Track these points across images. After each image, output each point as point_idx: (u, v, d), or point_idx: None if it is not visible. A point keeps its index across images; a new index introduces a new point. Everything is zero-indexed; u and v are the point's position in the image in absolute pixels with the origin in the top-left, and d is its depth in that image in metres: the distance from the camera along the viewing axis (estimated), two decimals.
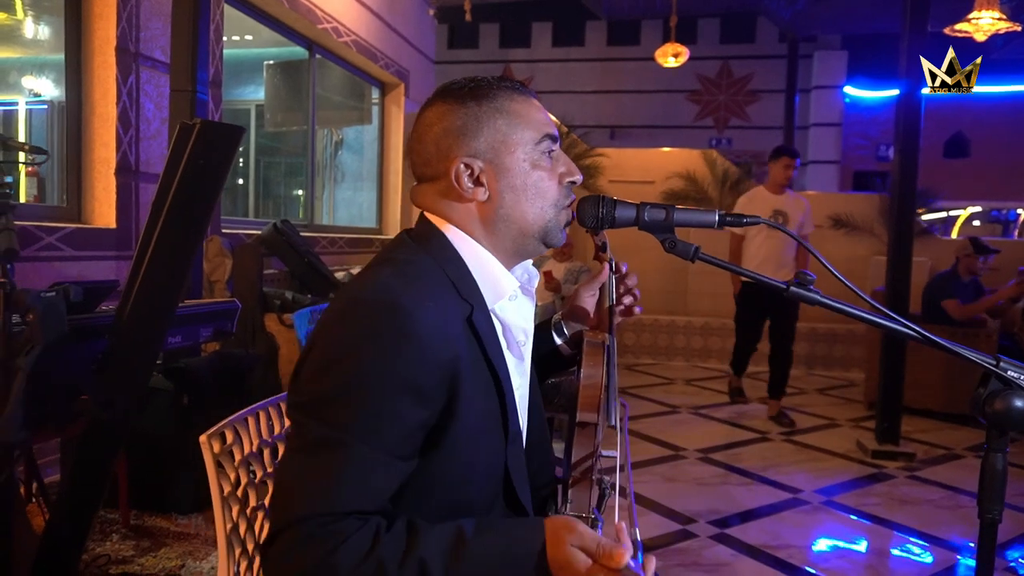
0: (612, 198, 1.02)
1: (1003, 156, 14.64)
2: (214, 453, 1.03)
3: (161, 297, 1.52)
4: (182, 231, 1.51)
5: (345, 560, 0.77)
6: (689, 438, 4.30)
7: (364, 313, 0.86)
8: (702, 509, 3.14)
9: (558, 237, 1.01)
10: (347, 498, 0.80)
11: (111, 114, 3.51)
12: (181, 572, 2.34)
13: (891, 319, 0.99)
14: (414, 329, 0.83)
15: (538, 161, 0.98)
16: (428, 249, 0.96)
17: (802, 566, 2.62)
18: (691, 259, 1.01)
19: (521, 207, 0.97)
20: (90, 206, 3.55)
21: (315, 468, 0.81)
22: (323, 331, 0.88)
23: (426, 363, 0.84)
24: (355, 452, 0.81)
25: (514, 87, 1.00)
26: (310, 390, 0.85)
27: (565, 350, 1.29)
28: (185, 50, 2.78)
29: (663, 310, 7.52)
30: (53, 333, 1.07)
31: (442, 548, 0.78)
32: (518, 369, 1.02)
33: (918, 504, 3.32)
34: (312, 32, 5.63)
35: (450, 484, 0.90)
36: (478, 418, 0.91)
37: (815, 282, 0.98)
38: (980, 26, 4.53)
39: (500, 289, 0.97)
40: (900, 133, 4.19)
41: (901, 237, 4.14)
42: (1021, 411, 0.93)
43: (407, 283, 0.88)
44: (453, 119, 0.96)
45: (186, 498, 2.78)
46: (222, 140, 1.51)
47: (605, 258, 1.27)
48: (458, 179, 0.95)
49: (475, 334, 0.92)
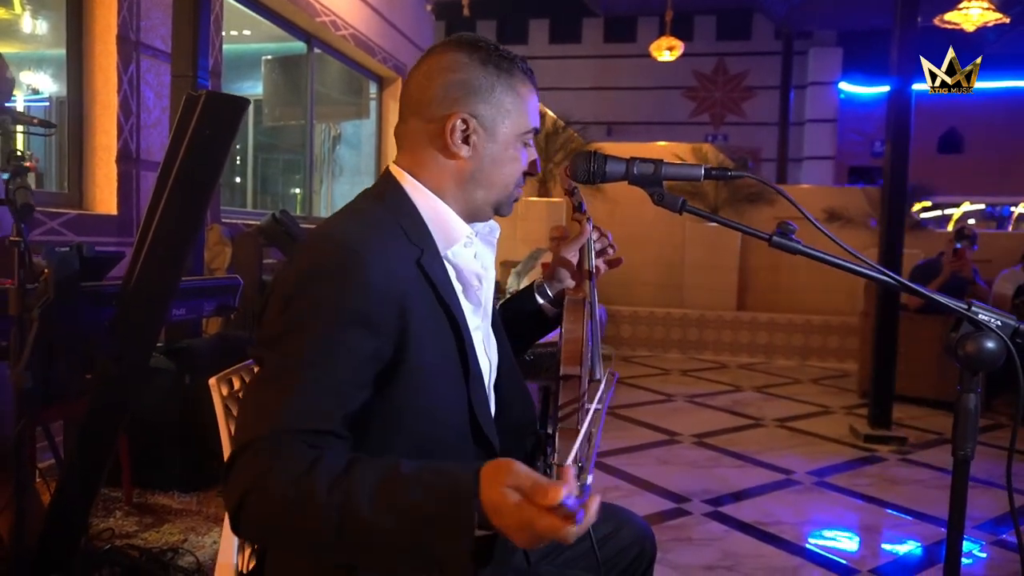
0: (603, 153, 1.07)
1: (997, 152, 14.74)
2: (222, 396, 1.07)
3: (168, 263, 1.56)
4: (188, 200, 1.55)
5: (277, 480, 0.78)
6: (684, 424, 4.35)
7: (314, 254, 0.93)
8: (696, 489, 3.19)
9: (508, 210, 1.10)
10: (295, 417, 0.83)
11: (112, 102, 3.55)
12: (184, 546, 2.38)
13: (870, 267, 1.03)
14: (360, 266, 0.89)
15: (517, 145, 1.05)
16: (382, 201, 1.02)
17: (793, 540, 2.68)
18: (679, 211, 1.06)
19: (492, 176, 1.04)
20: (91, 193, 3.59)
21: (271, 392, 0.86)
22: (281, 276, 0.94)
23: (373, 296, 0.89)
24: (306, 375, 0.85)
25: (529, 73, 1.07)
26: (270, 326, 0.91)
27: (549, 310, 1.34)
28: (187, 36, 2.82)
29: (659, 303, 7.58)
30: (66, 287, 1.11)
31: (373, 480, 0.77)
32: (476, 313, 1.07)
33: (908, 484, 3.38)
34: (311, 25, 5.67)
35: (415, 419, 0.94)
36: (435, 355, 0.96)
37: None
38: (970, 17, 4.58)
39: (453, 236, 1.03)
40: (891, 126, 4.25)
41: (892, 229, 4.19)
42: (991, 351, 0.98)
43: (356, 227, 0.95)
44: (471, 75, 1.01)
45: (187, 477, 2.82)
46: (227, 111, 1.56)
47: (583, 217, 1.32)
48: (452, 131, 1.00)
49: (426, 276, 0.97)
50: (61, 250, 1.13)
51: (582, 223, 1.34)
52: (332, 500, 0.76)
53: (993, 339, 0.98)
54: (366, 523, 0.75)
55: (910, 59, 4.11)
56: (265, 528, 0.82)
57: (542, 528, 0.68)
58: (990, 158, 14.80)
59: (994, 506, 3.06)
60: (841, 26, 14.15)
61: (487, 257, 1.11)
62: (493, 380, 1.15)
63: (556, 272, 1.34)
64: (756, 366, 6.74)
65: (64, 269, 1.13)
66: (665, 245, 7.73)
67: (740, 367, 6.63)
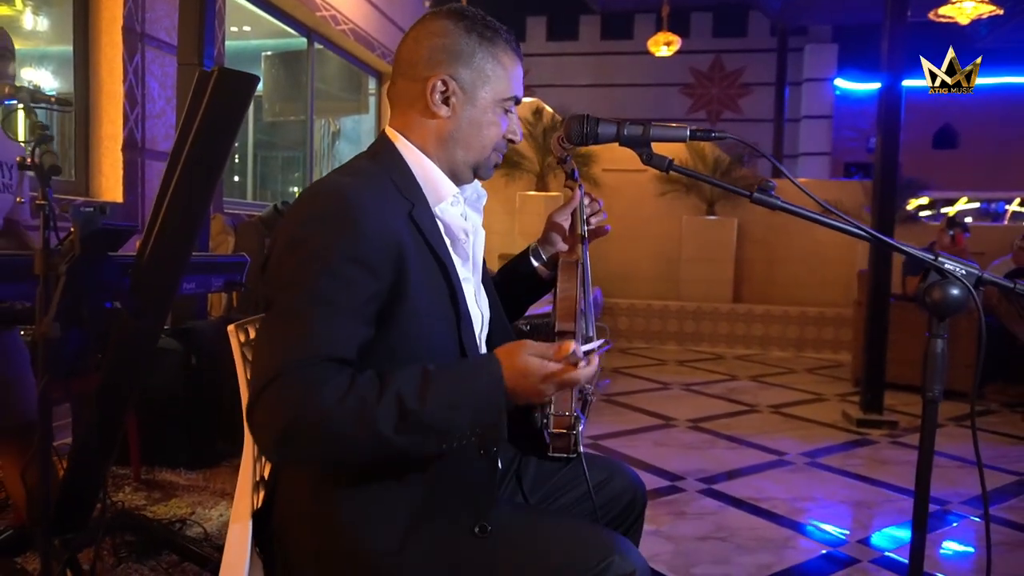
0: (595, 117, 1.14)
1: (991, 147, 14.84)
2: (240, 343, 1.14)
3: (181, 235, 1.63)
4: (201, 174, 1.62)
5: (328, 397, 0.87)
6: (680, 410, 4.42)
7: (314, 204, 1.00)
8: (691, 468, 3.26)
9: (487, 173, 1.17)
10: (319, 346, 0.91)
11: (118, 92, 3.62)
12: (191, 518, 2.45)
13: (844, 221, 1.11)
14: (357, 213, 0.96)
15: (497, 110, 1.12)
16: (376, 159, 1.10)
17: (785, 515, 2.75)
18: (665, 170, 1.13)
19: (469, 138, 1.11)
20: (97, 181, 3.66)
21: (287, 328, 0.93)
22: (284, 225, 1.01)
23: (370, 240, 0.96)
24: (320, 311, 0.93)
25: (512, 44, 1.14)
26: (277, 270, 0.98)
27: (543, 272, 1.41)
28: (192, 25, 2.89)
29: (656, 296, 7.66)
30: (92, 243, 1.18)
31: (413, 382, 0.91)
32: (465, 265, 1.14)
33: (899, 465, 3.45)
34: (311, 20, 5.74)
35: (410, 359, 1.00)
36: (428, 300, 1.03)
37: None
38: (963, 10, 4.65)
39: (441, 193, 1.10)
40: (882, 119, 4.32)
41: (883, 220, 4.27)
42: (956, 298, 1.05)
43: (351, 180, 1.03)
44: (454, 40, 1.09)
45: (194, 454, 2.89)
46: (238, 88, 1.63)
47: (574, 184, 1.39)
48: (432, 91, 1.08)
49: (417, 227, 1.04)
50: (86, 210, 1.21)
51: (574, 189, 1.41)
52: (384, 402, 0.88)
53: (958, 286, 1.05)
54: (418, 415, 0.88)
55: (901, 54, 4.19)
56: (321, 445, 0.90)
57: (562, 374, 0.92)
58: (984, 154, 14.91)
59: (977, 484, 3.14)
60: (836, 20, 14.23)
61: (475, 219, 1.18)
62: (485, 333, 1.22)
63: (549, 236, 1.41)
64: (752, 357, 6.82)
65: (89, 226, 1.21)
66: (662, 239, 7.81)
67: (736, 358, 6.71)
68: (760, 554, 2.39)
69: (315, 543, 1.02)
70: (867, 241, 1.10)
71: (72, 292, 1.14)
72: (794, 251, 7.83)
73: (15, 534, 1.77)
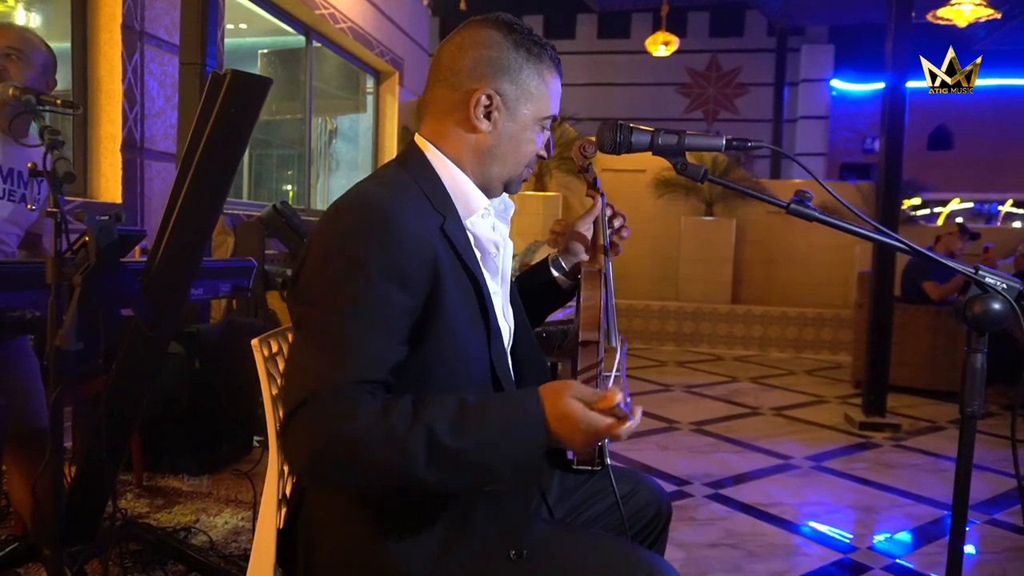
0: (629, 125, 1.12)
1: (986, 148, 14.92)
2: (264, 357, 1.11)
3: (193, 239, 1.60)
4: (213, 178, 1.59)
5: (360, 425, 0.84)
6: (682, 412, 4.41)
7: (349, 215, 0.96)
8: (697, 473, 3.25)
9: (517, 188, 1.16)
10: (353, 368, 0.88)
11: (117, 91, 3.57)
12: (196, 526, 2.41)
13: (882, 233, 1.09)
14: (393, 227, 0.93)
15: (535, 128, 1.11)
16: (407, 168, 1.07)
17: (793, 520, 2.74)
18: (700, 180, 1.11)
19: (506, 153, 1.09)
20: (96, 181, 3.61)
21: (321, 348, 0.90)
22: (316, 237, 0.98)
23: (406, 255, 0.93)
24: (355, 329, 0.90)
25: (557, 64, 1.12)
26: (310, 285, 0.95)
27: (563, 282, 1.39)
28: (195, 24, 2.84)
29: (654, 296, 7.65)
30: (107, 253, 1.15)
31: (447, 414, 0.86)
32: (494, 279, 1.12)
33: (903, 468, 3.45)
34: (310, 18, 5.69)
35: (443, 374, 0.99)
36: (461, 315, 1.00)
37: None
38: (962, 12, 4.66)
39: (472, 206, 1.08)
40: (886, 120, 4.32)
41: (887, 222, 4.26)
42: (997, 312, 1.03)
43: (386, 192, 0.99)
44: (501, 54, 1.06)
45: (197, 460, 2.85)
46: (251, 91, 1.59)
47: (596, 193, 1.37)
48: (476, 104, 1.05)
49: (449, 241, 1.02)
50: (101, 219, 1.17)
51: (595, 198, 1.39)
52: (415, 435, 0.84)
53: (999, 300, 1.03)
54: (451, 450, 0.84)
55: (905, 55, 4.19)
56: (352, 472, 0.87)
57: (604, 426, 0.86)
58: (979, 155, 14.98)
59: (987, 488, 3.15)
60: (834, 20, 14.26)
61: (503, 230, 1.15)
62: (511, 345, 1.19)
63: (570, 245, 1.39)
64: (751, 358, 6.82)
65: (106, 236, 1.17)
66: (661, 239, 7.80)
67: (735, 359, 6.71)
68: (772, 561, 2.38)
69: (344, 562, 0.99)
70: (906, 253, 1.08)
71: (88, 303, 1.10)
72: (792, 252, 7.85)
73: (21, 546, 1.73)
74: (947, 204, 16.31)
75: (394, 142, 7.46)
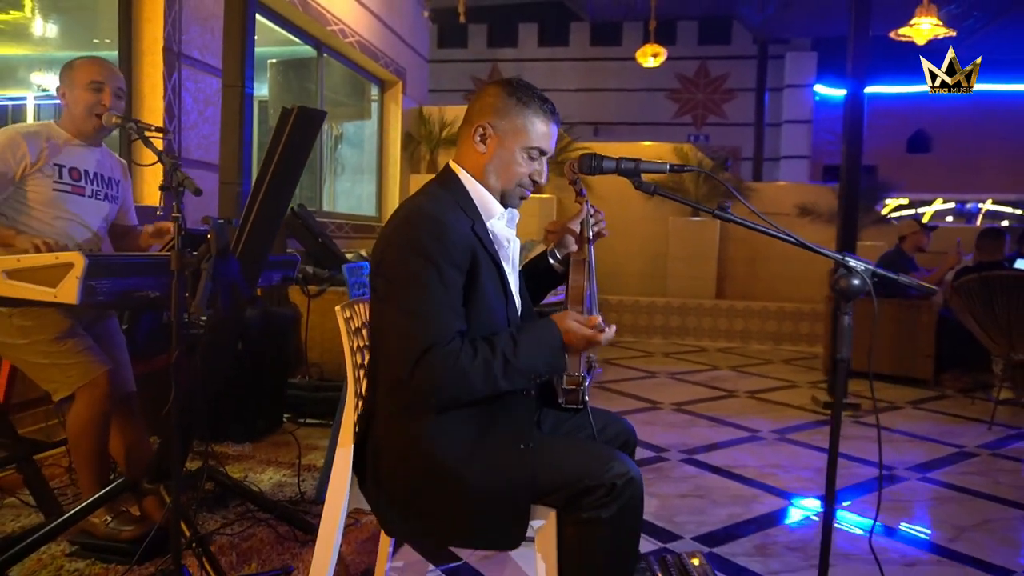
0: (600, 154, 1.57)
1: (963, 151, 15.47)
2: (345, 318, 1.56)
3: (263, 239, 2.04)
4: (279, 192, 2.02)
5: (465, 364, 1.34)
6: (665, 395, 4.86)
7: (417, 223, 1.42)
8: (674, 442, 3.70)
9: (514, 203, 1.58)
10: (448, 326, 1.36)
11: (159, 107, 4.00)
12: (244, 481, 2.85)
13: (780, 231, 1.53)
14: (445, 228, 1.41)
15: (522, 154, 1.55)
16: (444, 185, 1.55)
17: (756, 478, 3.19)
18: (651, 194, 1.55)
19: (498, 170, 1.54)
20: (139, 188, 4.03)
21: (423, 315, 1.37)
22: (394, 236, 1.43)
23: (457, 247, 1.41)
24: (440, 300, 1.38)
25: (548, 110, 1.57)
26: (398, 273, 1.40)
27: (558, 267, 1.85)
28: (236, 50, 3.27)
29: (643, 292, 8.11)
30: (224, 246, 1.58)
31: (509, 344, 1.38)
32: (507, 265, 1.57)
33: (858, 439, 3.91)
34: (321, 33, 6.13)
35: (481, 328, 1.45)
36: (489, 285, 1.47)
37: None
38: (920, 31, 5.11)
39: (491, 211, 1.55)
40: (847, 125, 4.79)
41: (847, 217, 4.73)
42: (855, 286, 1.48)
43: (434, 205, 1.46)
44: (498, 101, 1.53)
45: (240, 430, 3.29)
46: (312, 120, 2.04)
47: (583, 200, 1.82)
48: (475, 132, 1.54)
49: (478, 236, 1.48)
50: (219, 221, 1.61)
51: (582, 204, 1.84)
52: (497, 361, 1.35)
53: (857, 277, 1.48)
54: (514, 364, 1.36)
55: (864, 66, 4.68)
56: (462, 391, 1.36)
57: (592, 335, 1.41)
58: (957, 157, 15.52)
59: (922, 455, 3.62)
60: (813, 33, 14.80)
61: (511, 232, 1.61)
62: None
63: (563, 239, 1.84)
64: (733, 349, 7.28)
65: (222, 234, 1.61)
66: (649, 238, 8.27)
67: (718, 350, 7.17)
68: (732, 507, 2.83)
69: (402, 457, 1.44)
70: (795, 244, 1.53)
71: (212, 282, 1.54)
72: (774, 250, 8.30)
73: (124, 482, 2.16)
74: (931, 204, 16.84)
75: (397, 148, 7.90)
